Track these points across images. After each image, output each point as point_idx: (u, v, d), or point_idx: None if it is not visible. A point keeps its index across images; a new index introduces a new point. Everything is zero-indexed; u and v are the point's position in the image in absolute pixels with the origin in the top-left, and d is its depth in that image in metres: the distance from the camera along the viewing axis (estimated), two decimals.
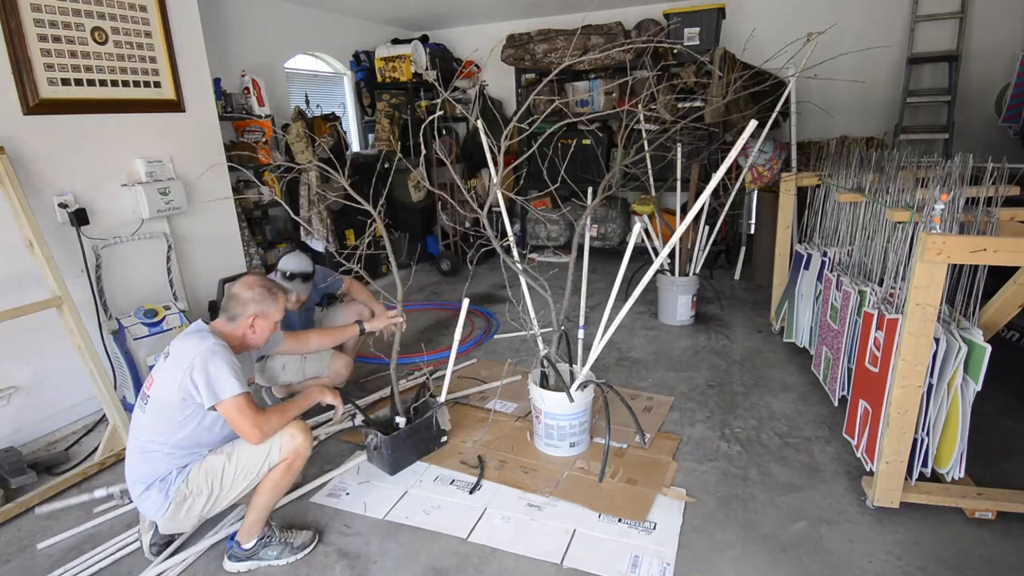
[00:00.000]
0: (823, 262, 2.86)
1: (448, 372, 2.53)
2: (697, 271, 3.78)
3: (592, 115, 3.52)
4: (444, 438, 2.50)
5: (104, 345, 2.82)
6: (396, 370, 2.41)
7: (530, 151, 2.48)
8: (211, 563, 1.91)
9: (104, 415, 2.62)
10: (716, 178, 1.94)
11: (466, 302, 2.45)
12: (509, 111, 5.87)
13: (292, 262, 2.63)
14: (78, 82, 2.75)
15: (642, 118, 2.92)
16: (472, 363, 3.32)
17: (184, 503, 1.76)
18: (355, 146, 5.50)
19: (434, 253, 5.40)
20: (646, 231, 3.86)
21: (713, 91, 4.42)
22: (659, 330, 3.76)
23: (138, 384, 2.85)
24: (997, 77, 4.48)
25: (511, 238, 2.59)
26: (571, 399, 2.28)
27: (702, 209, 2.41)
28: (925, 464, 1.95)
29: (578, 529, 1.98)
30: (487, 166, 2.69)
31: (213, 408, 1.70)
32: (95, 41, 2.80)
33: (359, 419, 2.47)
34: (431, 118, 2.23)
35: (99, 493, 2.13)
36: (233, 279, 3.46)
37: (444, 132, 5.45)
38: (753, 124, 1.80)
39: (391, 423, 2.39)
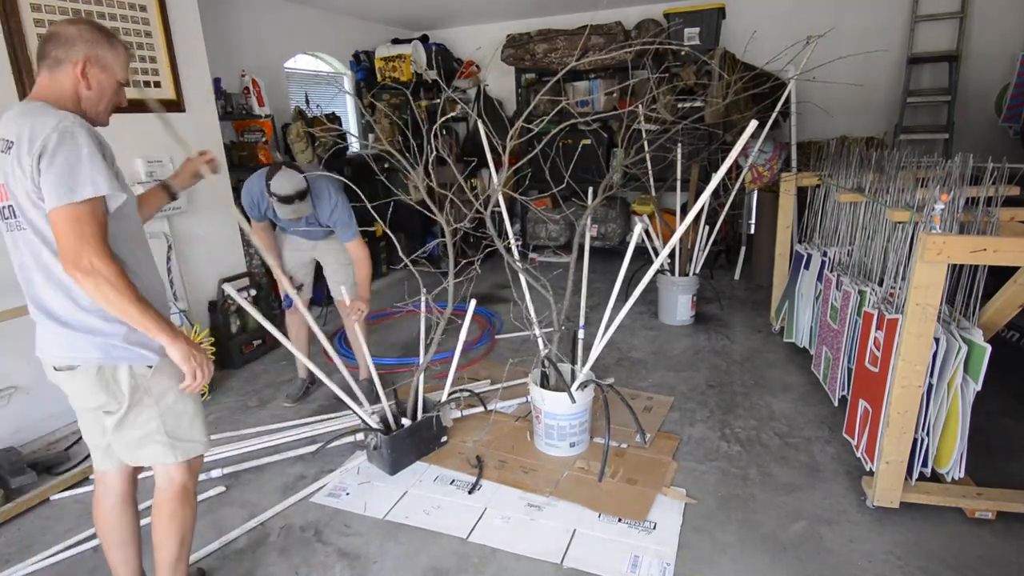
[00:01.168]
0: (823, 262, 2.86)
1: (451, 372, 2.53)
2: (697, 271, 3.78)
3: (596, 116, 3.52)
4: (444, 438, 2.50)
5: None
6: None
7: (533, 152, 2.47)
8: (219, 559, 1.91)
9: None
10: (716, 178, 1.94)
11: (472, 303, 2.44)
12: (509, 111, 5.87)
13: (283, 183, 2.35)
14: None
15: (642, 119, 2.92)
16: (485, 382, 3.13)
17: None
18: (354, 146, 5.50)
19: (433, 254, 5.40)
20: (646, 231, 3.86)
21: (713, 91, 4.42)
22: (659, 330, 3.76)
23: None
24: (997, 77, 4.48)
25: (511, 238, 2.59)
26: (573, 400, 2.28)
27: (702, 209, 2.41)
28: (925, 464, 1.95)
29: (578, 529, 1.98)
30: (486, 166, 2.68)
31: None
32: None
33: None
34: (445, 118, 2.20)
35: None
36: (233, 279, 3.47)
37: (444, 132, 5.46)
38: (753, 124, 1.79)
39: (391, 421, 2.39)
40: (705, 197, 2.01)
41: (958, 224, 1.86)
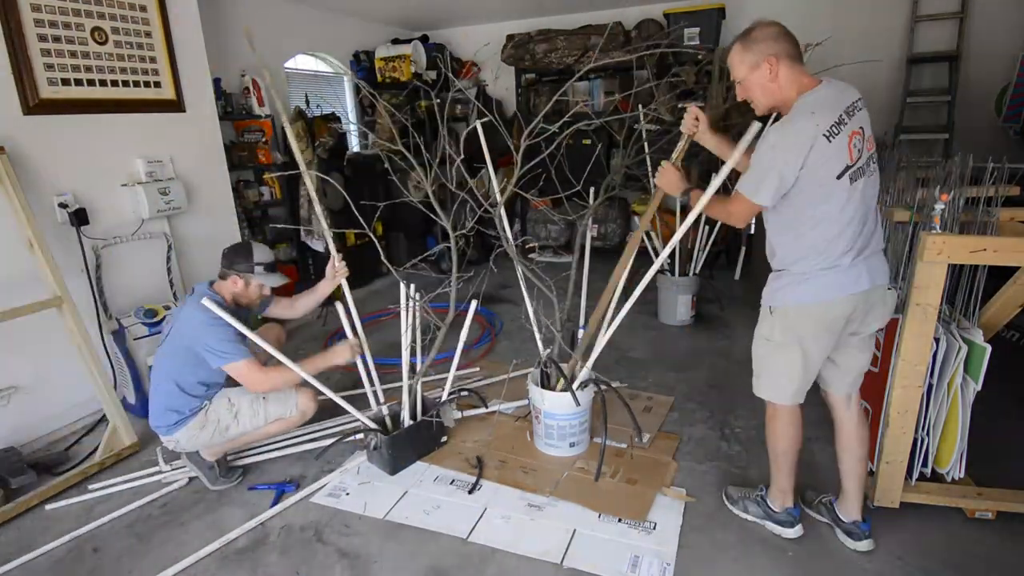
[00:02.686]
0: None
1: (451, 373, 2.52)
2: (697, 271, 3.78)
3: (606, 117, 3.51)
4: (444, 438, 2.50)
5: (104, 345, 2.81)
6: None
7: (544, 153, 2.43)
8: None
9: (104, 415, 2.62)
10: (717, 180, 1.94)
11: (474, 304, 2.44)
12: (509, 111, 5.87)
13: (265, 252, 2.35)
14: (78, 82, 2.75)
15: (642, 118, 2.92)
16: (475, 370, 3.27)
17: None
18: (354, 146, 5.50)
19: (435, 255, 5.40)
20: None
21: (713, 92, 4.42)
22: (659, 330, 3.76)
23: (138, 384, 2.85)
24: (997, 77, 4.48)
25: (509, 238, 2.58)
26: (577, 402, 2.27)
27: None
28: (925, 464, 1.95)
29: (578, 529, 1.98)
30: (486, 166, 2.68)
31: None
32: (95, 41, 2.80)
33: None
34: (473, 125, 2.20)
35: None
36: None
37: (445, 133, 5.45)
38: (755, 127, 1.79)
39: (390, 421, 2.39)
40: (706, 199, 2.01)
41: (958, 224, 1.86)
